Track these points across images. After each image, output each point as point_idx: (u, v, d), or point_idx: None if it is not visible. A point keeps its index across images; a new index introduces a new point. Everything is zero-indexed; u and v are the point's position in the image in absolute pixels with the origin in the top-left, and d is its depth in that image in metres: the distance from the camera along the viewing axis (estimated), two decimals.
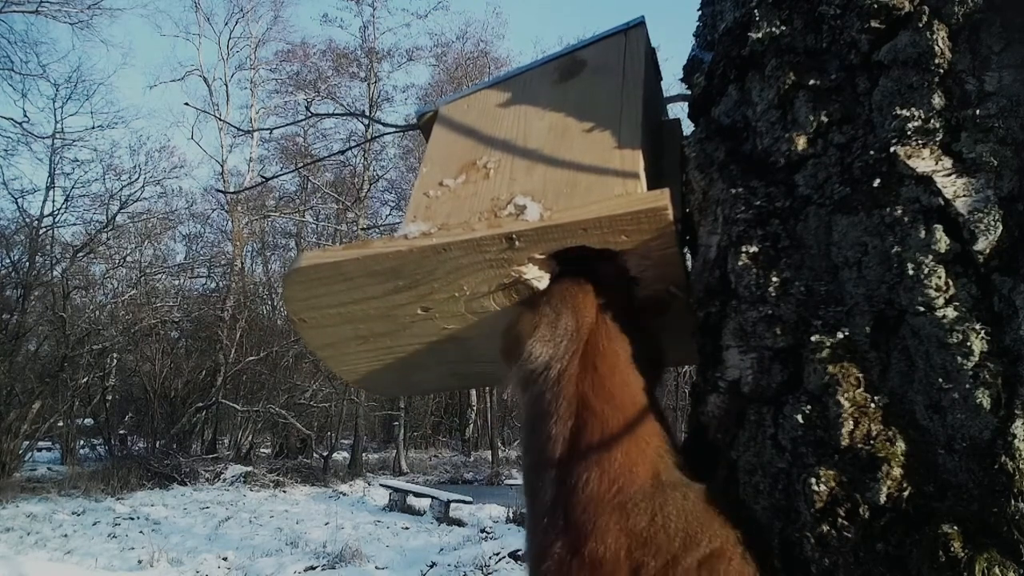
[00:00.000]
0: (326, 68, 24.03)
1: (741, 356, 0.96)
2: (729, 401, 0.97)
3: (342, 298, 1.15)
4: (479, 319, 1.18)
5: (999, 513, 0.72)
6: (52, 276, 17.46)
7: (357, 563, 8.58)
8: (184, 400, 17.95)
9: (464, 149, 1.28)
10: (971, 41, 0.84)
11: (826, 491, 0.81)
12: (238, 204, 21.89)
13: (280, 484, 15.75)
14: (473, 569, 8.34)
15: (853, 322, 0.85)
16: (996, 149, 0.80)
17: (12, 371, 14.85)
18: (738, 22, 1.10)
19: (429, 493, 13.13)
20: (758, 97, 1.04)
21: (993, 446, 0.73)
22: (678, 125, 1.51)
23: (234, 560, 8.88)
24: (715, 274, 1.03)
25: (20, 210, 18.44)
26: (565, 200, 1.07)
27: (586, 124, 1.20)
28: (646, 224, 0.99)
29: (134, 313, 18.89)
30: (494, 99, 1.37)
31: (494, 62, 23.99)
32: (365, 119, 19.62)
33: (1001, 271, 0.77)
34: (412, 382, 1.52)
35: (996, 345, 0.75)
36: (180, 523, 11.20)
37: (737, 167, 1.03)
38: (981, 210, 0.79)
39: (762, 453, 0.90)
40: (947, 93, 0.85)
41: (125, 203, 19.74)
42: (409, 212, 1.19)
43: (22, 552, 8.37)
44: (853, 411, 0.82)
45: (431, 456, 23.43)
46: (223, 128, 22.51)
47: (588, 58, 1.34)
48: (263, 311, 23.17)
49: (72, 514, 11.50)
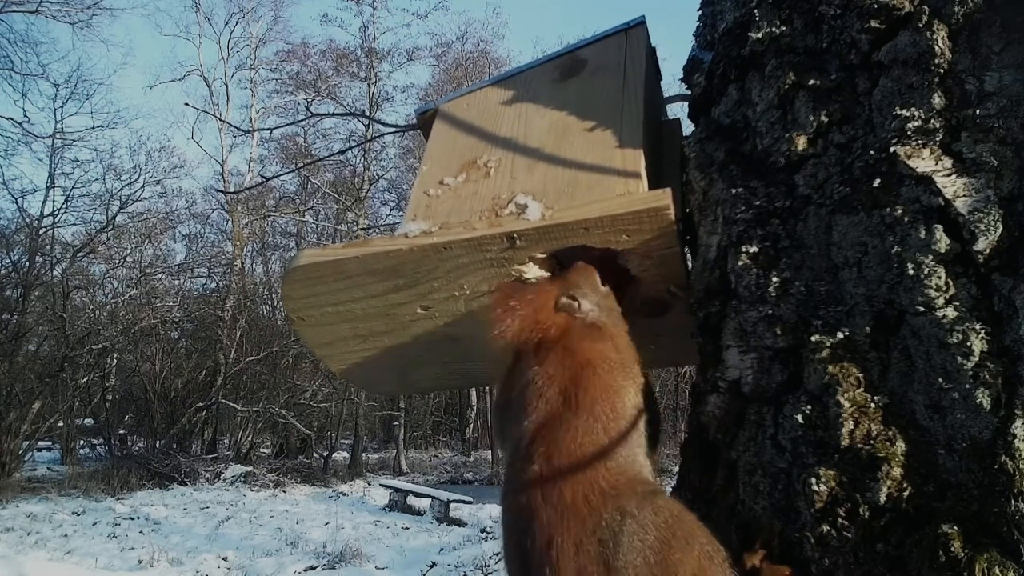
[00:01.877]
0: (326, 68, 24.03)
1: (741, 356, 0.96)
2: (729, 401, 0.97)
3: (341, 296, 1.15)
4: (479, 319, 1.18)
5: (999, 513, 0.72)
6: (52, 276, 17.46)
7: (357, 563, 8.58)
8: (184, 400, 17.94)
9: (465, 148, 1.28)
10: (971, 41, 0.84)
11: (826, 491, 0.81)
12: (238, 204, 21.89)
13: (280, 484, 15.74)
14: (473, 569, 8.33)
15: (853, 322, 0.85)
16: (996, 149, 0.80)
17: (12, 371, 14.84)
18: (738, 22, 1.10)
19: (429, 493, 13.12)
20: (758, 97, 1.04)
21: (993, 446, 0.73)
22: (678, 125, 1.51)
23: (234, 560, 8.88)
24: (715, 274, 1.03)
25: (20, 210, 18.45)
26: (566, 199, 1.07)
27: (587, 123, 1.20)
28: (648, 224, 1.00)
29: (134, 313, 18.88)
30: (494, 98, 1.37)
31: (494, 62, 23.98)
32: (365, 119, 19.63)
33: (1001, 271, 0.77)
34: (411, 381, 1.52)
35: (996, 345, 0.75)
36: (180, 523, 11.19)
37: (737, 167, 1.03)
38: (981, 210, 0.79)
39: (762, 453, 0.90)
40: (947, 93, 0.85)
41: (125, 203, 19.74)
42: (409, 211, 1.19)
43: (22, 552, 8.36)
44: (853, 411, 0.82)
45: (431, 456, 23.42)
46: (223, 128, 22.50)
47: (589, 57, 1.34)
48: (263, 311, 23.18)
49: (72, 514, 11.50)
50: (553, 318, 1.00)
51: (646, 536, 0.81)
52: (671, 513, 0.84)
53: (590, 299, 1.04)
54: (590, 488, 0.86)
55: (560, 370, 0.96)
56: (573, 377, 0.95)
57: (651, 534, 0.82)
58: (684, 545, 0.82)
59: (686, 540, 0.82)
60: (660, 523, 0.82)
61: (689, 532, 0.83)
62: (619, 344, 1.02)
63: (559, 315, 1.01)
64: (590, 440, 0.90)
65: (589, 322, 1.02)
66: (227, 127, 23.04)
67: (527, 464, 0.91)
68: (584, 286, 1.05)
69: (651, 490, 0.88)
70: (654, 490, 0.89)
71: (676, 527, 0.83)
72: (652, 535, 0.82)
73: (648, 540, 0.81)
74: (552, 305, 1.01)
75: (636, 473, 0.91)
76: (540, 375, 0.96)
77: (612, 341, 1.02)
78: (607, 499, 0.85)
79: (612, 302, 1.07)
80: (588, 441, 0.90)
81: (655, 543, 0.81)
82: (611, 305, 1.07)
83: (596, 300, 1.04)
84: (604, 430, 0.91)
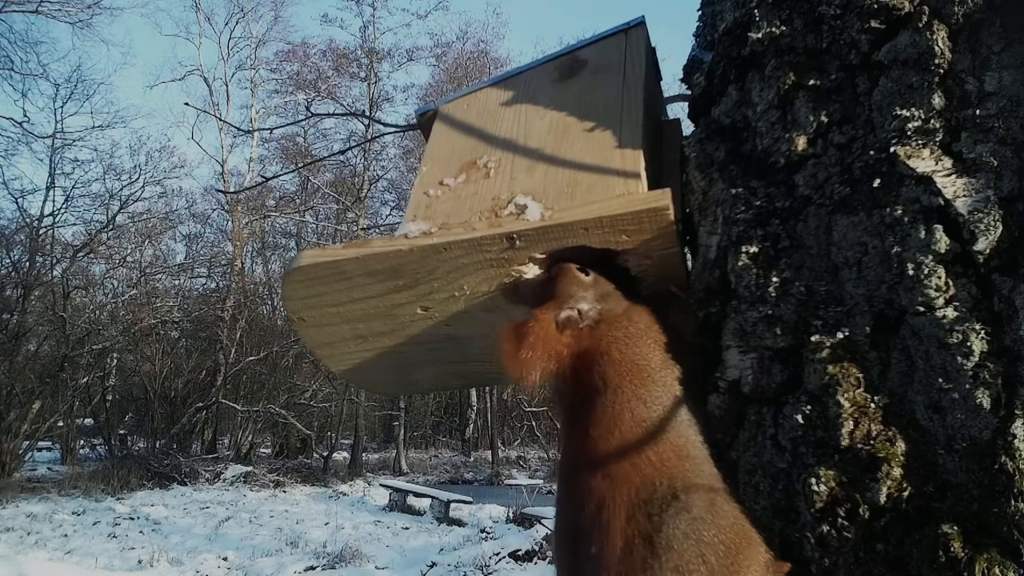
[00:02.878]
0: (326, 68, 24.06)
1: (741, 356, 0.96)
2: (729, 401, 0.97)
3: (341, 297, 1.16)
4: (478, 319, 1.18)
5: (999, 513, 0.72)
6: (52, 276, 17.46)
7: (357, 563, 8.58)
8: (184, 400, 17.95)
9: (464, 148, 1.28)
10: (971, 41, 0.84)
11: (826, 491, 0.81)
12: (238, 204, 21.89)
13: (280, 484, 15.75)
14: (473, 569, 8.33)
15: (853, 322, 0.85)
16: (996, 149, 0.80)
17: (12, 371, 14.85)
18: (738, 22, 1.10)
19: (429, 493, 13.13)
20: (758, 97, 1.04)
21: (993, 446, 0.73)
22: (678, 125, 1.51)
23: (234, 560, 8.88)
24: (715, 274, 1.03)
25: (20, 210, 18.46)
26: (566, 199, 1.07)
27: (587, 123, 1.20)
28: (647, 224, 1.00)
29: (134, 313, 18.88)
30: (494, 98, 1.37)
31: (494, 62, 24.00)
32: (365, 119, 19.64)
33: (1001, 271, 0.77)
34: (411, 381, 1.52)
35: (996, 345, 0.75)
36: (180, 523, 11.20)
37: (737, 167, 1.04)
38: (981, 210, 0.79)
39: (762, 453, 0.90)
40: (947, 93, 0.85)
41: (125, 203, 19.74)
42: (409, 211, 1.19)
43: (22, 552, 8.37)
44: (853, 411, 0.82)
45: (431, 456, 23.42)
46: (223, 128, 22.51)
47: (588, 57, 1.34)
48: (263, 311, 23.17)
49: (72, 514, 11.50)
50: (562, 340, 1.00)
51: (704, 532, 0.81)
52: (739, 515, 0.84)
53: (585, 300, 1.03)
54: (637, 456, 0.88)
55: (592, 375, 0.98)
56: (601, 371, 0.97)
57: (709, 531, 0.81)
58: (750, 552, 0.82)
59: (750, 546, 0.82)
60: (723, 525, 0.82)
61: (751, 537, 0.83)
62: (633, 317, 1.02)
63: (566, 335, 1.00)
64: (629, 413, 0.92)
65: (595, 321, 1.02)
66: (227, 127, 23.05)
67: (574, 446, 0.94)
68: (572, 291, 1.03)
69: (711, 485, 0.88)
70: (713, 486, 0.88)
71: (744, 532, 0.83)
72: (711, 533, 0.81)
73: (707, 536, 0.81)
74: (554, 330, 1.00)
75: (691, 454, 0.91)
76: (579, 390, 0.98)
77: (623, 321, 1.02)
78: (658, 471, 0.86)
79: (604, 286, 1.06)
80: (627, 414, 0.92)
81: (715, 542, 0.81)
82: (605, 290, 1.05)
83: (590, 296, 1.03)
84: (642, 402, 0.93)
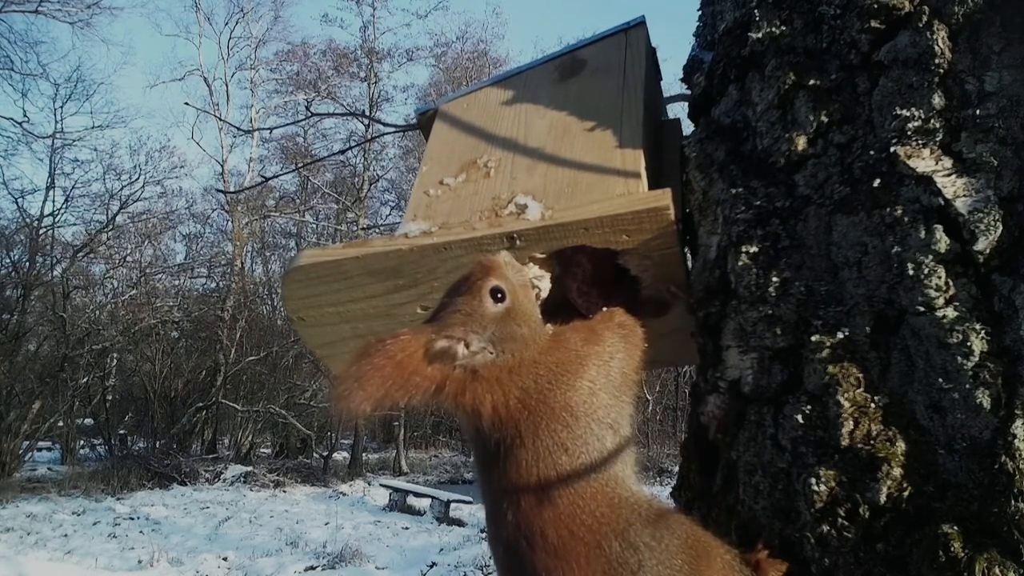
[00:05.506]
0: (326, 68, 24.06)
1: (741, 356, 0.96)
2: (729, 401, 0.97)
3: (341, 297, 1.16)
4: None
5: (999, 513, 0.72)
6: (52, 276, 17.48)
7: (357, 563, 8.58)
8: (184, 400, 17.95)
9: (465, 148, 1.28)
10: (971, 41, 0.84)
11: (826, 491, 0.81)
12: (238, 204, 21.89)
13: (280, 484, 15.75)
14: (473, 569, 8.33)
15: (853, 322, 0.85)
16: (996, 149, 0.80)
17: (12, 371, 14.85)
18: (738, 22, 1.10)
19: (429, 493, 13.12)
20: (758, 97, 1.04)
21: (993, 446, 0.73)
22: (678, 125, 1.51)
23: (234, 560, 8.88)
24: (715, 274, 1.03)
25: (20, 210, 18.48)
26: (566, 199, 1.07)
27: (587, 123, 1.20)
28: (648, 224, 1.00)
29: (134, 313, 18.89)
30: (494, 98, 1.37)
31: (494, 62, 23.98)
32: (365, 119, 19.65)
33: (1001, 271, 0.77)
34: None
35: (996, 345, 0.75)
36: (180, 523, 11.19)
37: (737, 167, 1.04)
38: (981, 210, 0.79)
39: (762, 453, 0.90)
40: (947, 93, 0.85)
41: (125, 203, 19.76)
42: (409, 211, 1.19)
43: (22, 552, 8.37)
44: (853, 411, 0.82)
45: (431, 456, 23.40)
46: (223, 128, 22.51)
47: (588, 57, 1.34)
48: (263, 311, 23.17)
49: (72, 514, 11.50)
50: (425, 373, 0.82)
51: (673, 561, 0.79)
52: (689, 531, 0.83)
53: (478, 337, 0.85)
54: (572, 522, 0.80)
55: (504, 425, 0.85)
56: (514, 421, 0.85)
57: (677, 559, 0.80)
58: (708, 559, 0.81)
59: (708, 553, 0.81)
60: (683, 545, 0.81)
61: (707, 544, 0.83)
62: (551, 355, 0.89)
63: (432, 368, 0.82)
64: (555, 471, 0.82)
65: (476, 369, 0.85)
66: (227, 127, 23.05)
67: (497, 496, 0.85)
68: (467, 319, 0.85)
69: (656, 510, 0.84)
70: (658, 510, 0.84)
71: (697, 544, 0.82)
72: (679, 560, 0.80)
73: (676, 564, 0.79)
74: (420, 357, 0.81)
75: (624, 492, 0.84)
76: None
77: (536, 367, 0.87)
78: (605, 532, 0.80)
79: (517, 324, 0.88)
80: (552, 471, 0.82)
81: (683, 566, 0.80)
82: (511, 331, 0.87)
83: (487, 334, 0.86)
84: (564, 450, 0.84)
